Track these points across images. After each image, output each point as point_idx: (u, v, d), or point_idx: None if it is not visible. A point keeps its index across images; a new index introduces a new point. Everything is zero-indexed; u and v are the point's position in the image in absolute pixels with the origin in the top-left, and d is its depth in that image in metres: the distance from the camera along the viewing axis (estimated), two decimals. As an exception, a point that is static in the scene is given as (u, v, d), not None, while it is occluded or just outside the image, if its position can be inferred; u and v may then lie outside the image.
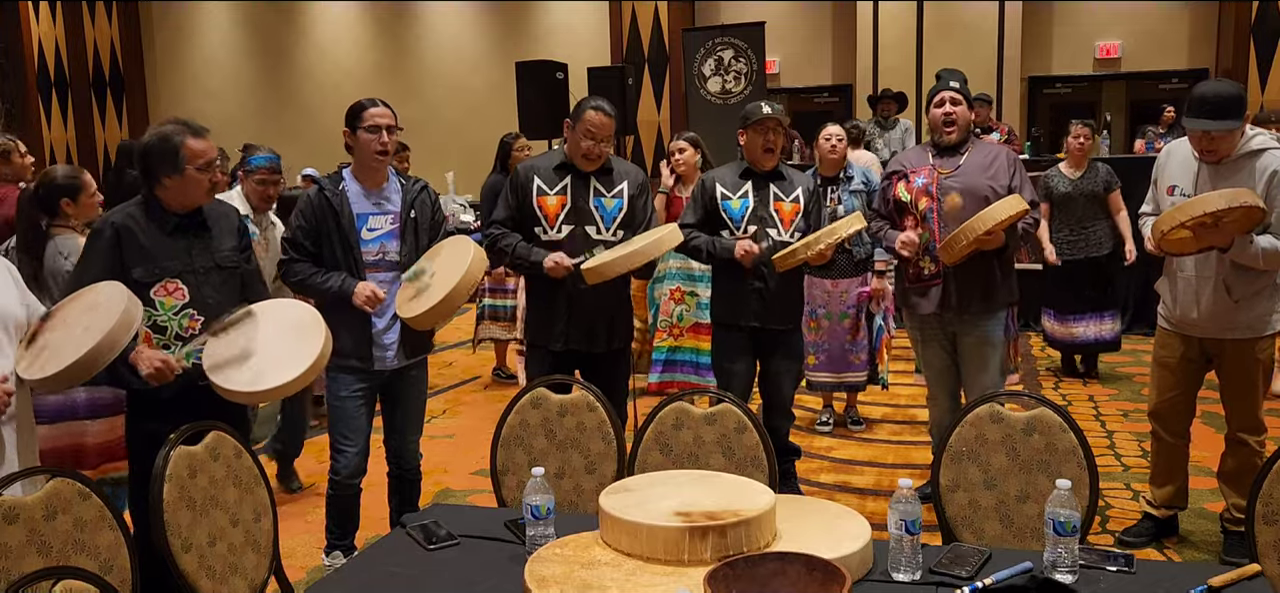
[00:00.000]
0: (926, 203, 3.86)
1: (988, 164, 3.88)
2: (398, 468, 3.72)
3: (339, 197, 3.44)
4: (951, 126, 3.88)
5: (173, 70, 15.68)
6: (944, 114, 3.89)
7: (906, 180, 3.94)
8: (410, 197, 3.54)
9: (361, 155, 3.46)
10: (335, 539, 3.66)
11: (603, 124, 3.68)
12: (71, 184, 3.83)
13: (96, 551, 2.28)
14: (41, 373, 2.59)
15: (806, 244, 3.76)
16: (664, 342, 5.33)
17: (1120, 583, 2.08)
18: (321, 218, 3.44)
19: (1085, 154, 6.25)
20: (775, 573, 1.83)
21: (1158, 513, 3.91)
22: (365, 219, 3.46)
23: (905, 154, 4.18)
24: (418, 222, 3.53)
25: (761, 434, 2.81)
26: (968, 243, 3.62)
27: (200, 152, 2.95)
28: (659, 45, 12.83)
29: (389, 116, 3.46)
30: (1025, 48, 11.71)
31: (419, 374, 3.67)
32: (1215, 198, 3.27)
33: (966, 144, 3.93)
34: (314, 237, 3.45)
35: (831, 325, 5.29)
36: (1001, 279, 3.90)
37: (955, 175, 3.86)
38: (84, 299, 2.75)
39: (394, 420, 3.67)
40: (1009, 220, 3.62)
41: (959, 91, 3.92)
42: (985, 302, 3.87)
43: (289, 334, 2.90)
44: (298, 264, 3.47)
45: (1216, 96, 3.38)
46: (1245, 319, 3.52)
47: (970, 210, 3.75)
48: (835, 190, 5.12)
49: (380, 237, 3.47)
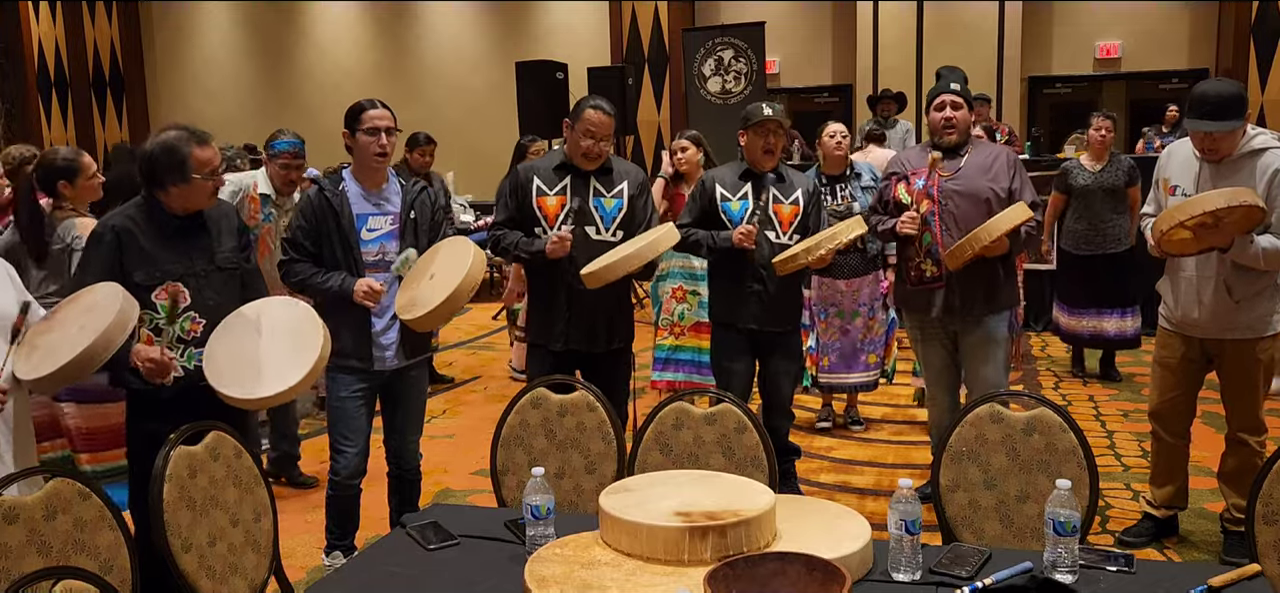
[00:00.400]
0: (927, 205, 3.86)
1: (988, 166, 3.87)
2: (398, 468, 3.71)
3: (339, 197, 3.44)
4: (951, 130, 3.88)
5: (173, 70, 15.68)
6: (944, 118, 3.88)
7: (907, 182, 3.93)
8: (410, 197, 3.54)
9: (361, 157, 3.46)
10: (335, 539, 3.65)
11: (602, 122, 3.68)
12: (69, 166, 3.81)
13: (96, 551, 2.28)
14: (36, 372, 2.59)
15: (807, 248, 3.76)
16: (665, 340, 5.34)
17: (1120, 583, 2.08)
18: (321, 218, 3.44)
19: (1106, 147, 6.20)
20: (775, 573, 1.83)
21: (1158, 513, 3.91)
22: (365, 220, 3.46)
23: (906, 155, 4.17)
24: (418, 222, 3.53)
25: (761, 434, 2.81)
26: (972, 252, 3.63)
27: (206, 160, 2.95)
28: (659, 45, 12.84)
29: (388, 119, 3.46)
30: (1025, 48, 11.72)
31: (419, 375, 3.67)
32: (1215, 197, 3.27)
33: (967, 146, 3.93)
34: (314, 237, 3.45)
35: (844, 324, 5.30)
36: (1004, 280, 3.90)
37: (956, 178, 3.86)
38: (81, 301, 2.76)
39: (394, 421, 3.67)
40: (1012, 229, 3.62)
41: (959, 94, 3.91)
42: (988, 303, 3.88)
43: (288, 338, 2.90)
44: (297, 264, 3.47)
45: (1217, 96, 3.38)
46: (1246, 319, 3.53)
47: (970, 213, 3.76)
48: (845, 188, 5.13)
49: (380, 237, 3.47)
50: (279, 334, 2.91)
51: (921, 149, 4.10)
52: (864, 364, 5.37)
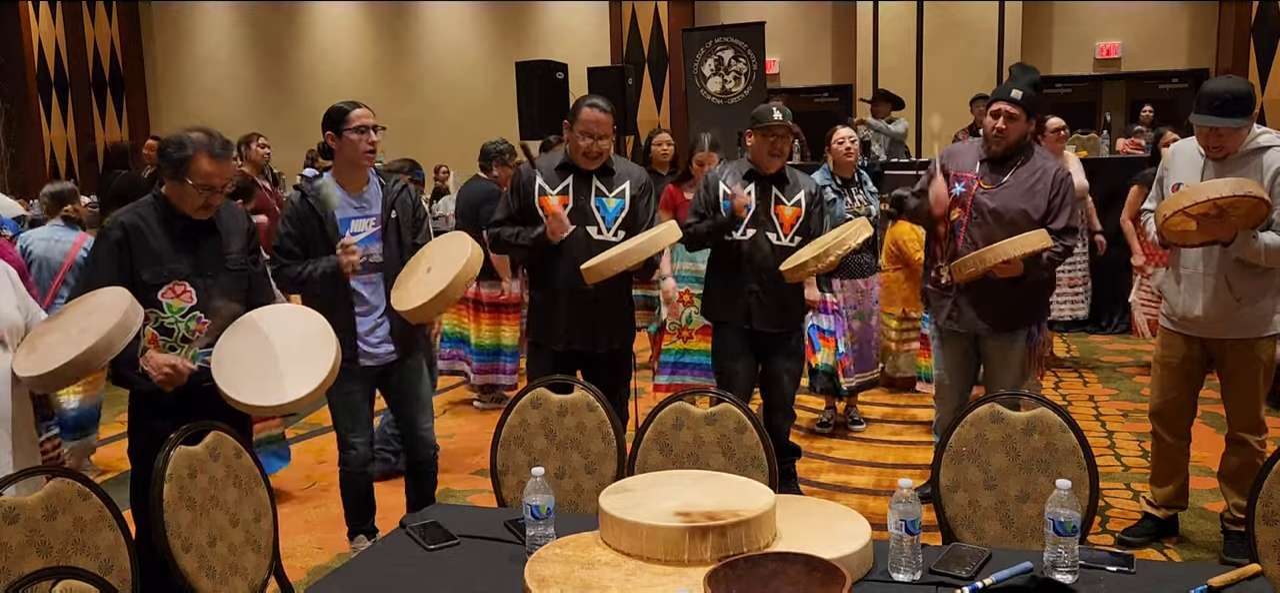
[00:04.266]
0: (958, 214, 3.81)
1: (1031, 186, 3.74)
2: (412, 459, 3.75)
3: (322, 202, 3.47)
4: (1001, 140, 3.75)
5: (173, 70, 15.69)
6: (995, 128, 3.75)
7: (948, 181, 3.86)
8: (390, 197, 3.56)
9: (350, 156, 3.48)
10: (357, 525, 3.72)
11: (600, 121, 3.68)
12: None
13: (96, 551, 2.28)
14: (33, 371, 2.60)
15: (816, 257, 3.70)
16: (673, 344, 5.33)
17: (1120, 583, 2.08)
18: (307, 224, 3.47)
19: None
20: (775, 573, 1.83)
21: (1158, 513, 3.91)
22: (348, 223, 3.49)
23: (962, 151, 3.98)
24: (399, 221, 3.56)
25: (761, 434, 2.81)
26: (978, 270, 3.60)
27: (208, 174, 2.93)
28: (659, 45, 12.84)
29: (372, 116, 3.50)
30: (1025, 48, 11.71)
31: (417, 364, 3.69)
32: (1220, 185, 3.26)
33: (1019, 157, 3.77)
34: (300, 242, 3.48)
35: (862, 326, 5.32)
36: (1016, 306, 3.83)
37: (994, 193, 3.77)
38: (86, 303, 2.76)
39: (403, 412, 3.71)
40: (1028, 254, 3.56)
41: (1020, 103, 3.71)
42: (993, 324, 3.85)
43: (300, 346, 2.90)
44: (286, 267, 3.50)
45: (1225, 93, 3.38)
46: (1247, 318, 3.52)
47: (996, 232, 3.68)
48: (858, 193, 5.13)
49: (363, 240, 3.49)
50: (291, 341, 2.91)
51: (975, 148, 3.93)
52: (873, 362, 5.40)
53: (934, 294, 3.97)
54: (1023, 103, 3.72)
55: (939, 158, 4.03)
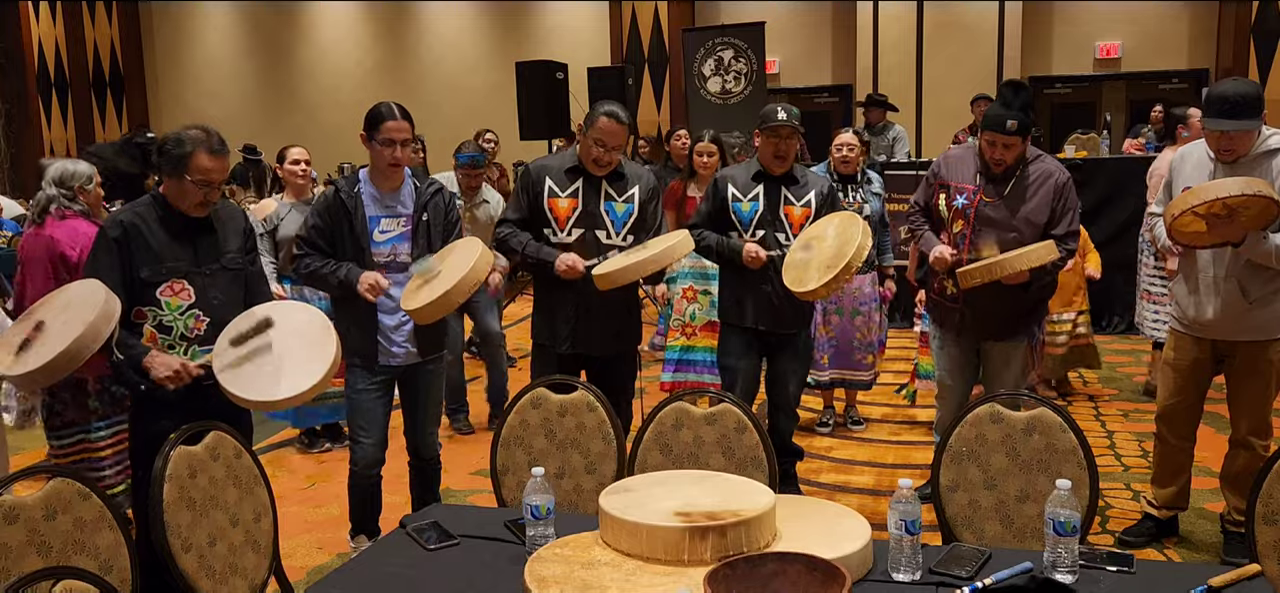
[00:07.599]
0: (961, 226, 3.81)
1: (1034, 194, 3.73)
2: (416, 458, 3.79)
3: (353, 198, 3.49)
4: (1002, 165, 3.73)
5: (173, 70, 15.69)
6: (995, 158, 3.72)
7: (947, 193, 3.87)
8: (423, 199, 3.57)
9: (376, 162, 3.52)
10: (358, 525, 3.75)
11: (613, 131, 3.67)
12: None
13: (96, 551, 2.28)
14: (23, 368, 2.61)
15: (826, 284, 3.57)
16: (677, 341, 5.33)
17: (1120, 583, 2.08)
18: (336, 218, 3.49)
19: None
20: (775, 573, 1.83)
21: (1158, 513, 3.91)
22: (377, 221, 3.51)
23: (959, 160, 3.93)
24: (430, 224, 3.56)
25: (762, 434, 2.81)
26: (984, 279, 3.59)
27: (207, 169, 2.96)
28: (659, 45, 12.84)
29: (406, 131, 3.48)
30: (1025, 48, 11.72)
31: (435, 369, 3.71)
32: (1229, 184, 3.25)
33: (1019, 168, 3.76)
34: (328, 236, 3.50)
35: (842, 323, 5.30)
36: (1022, 315, 3.84)
37: (996, 205, 3.76)
38: (55, 301, 2.79)
39: (413, 414, 3.73)
40: (1035, 267, 3.55)
41: (1016, 134, 3.65)
42: (999, 332, 3.86)
43: (300, 341, 2.91)
44: (308, 258, 3.51)
45: (1235, 95, 3.37)
46: (1259, 321, 3.50)
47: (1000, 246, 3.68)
48: (856, 192, 5.13)
49: (392, 239, 3.51)
50: (291, 337, 2.92)
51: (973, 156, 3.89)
52: (857, 363, 5.36)
53: (941, 305, 3.96)
54: (1019, 131, 3.70)
55: (935, 168, 4.02)
